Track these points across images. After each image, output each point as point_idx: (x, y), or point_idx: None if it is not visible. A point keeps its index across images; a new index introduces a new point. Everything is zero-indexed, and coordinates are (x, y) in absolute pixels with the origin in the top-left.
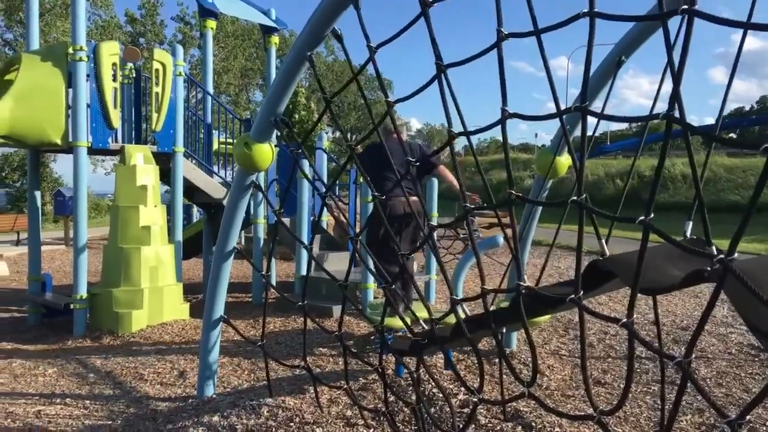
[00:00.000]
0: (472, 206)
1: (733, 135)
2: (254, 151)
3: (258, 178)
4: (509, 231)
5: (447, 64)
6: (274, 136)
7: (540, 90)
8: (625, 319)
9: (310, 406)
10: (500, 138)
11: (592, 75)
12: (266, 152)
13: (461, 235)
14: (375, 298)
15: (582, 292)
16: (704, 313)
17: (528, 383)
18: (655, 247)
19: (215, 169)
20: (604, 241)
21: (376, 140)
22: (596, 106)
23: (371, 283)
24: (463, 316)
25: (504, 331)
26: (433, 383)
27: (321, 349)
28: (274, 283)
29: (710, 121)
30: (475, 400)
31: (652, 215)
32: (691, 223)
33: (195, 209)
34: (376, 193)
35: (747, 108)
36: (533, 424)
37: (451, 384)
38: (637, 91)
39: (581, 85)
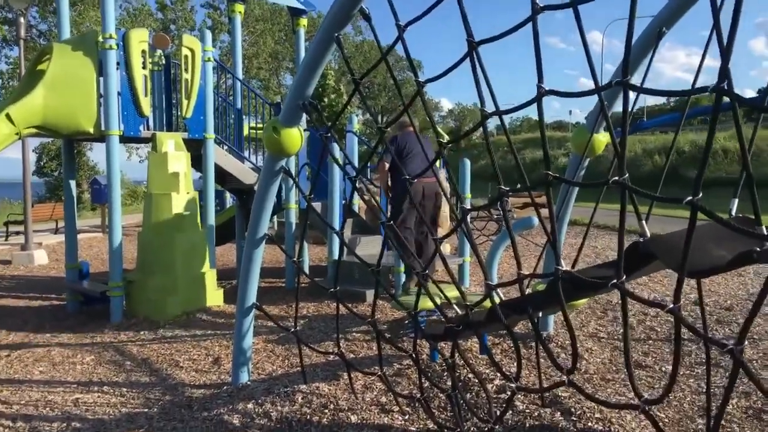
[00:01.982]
0: (507, 188)
1: None
2: (283, 136)
3: (288, 163)
4: (544, 211)
5: (479, 41)
6: (303, 120)
7: (572, 65)
8: (671, 305)
9: (344, 393)
10: (533, 116)
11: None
12: (295, 137)
13: (495, 216)
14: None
15: (624, 277)
16: (759, 296)
17: (568, 370)
18: (699, 227)
19: (246, 154)
20: (644, 221)
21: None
22: (635, 80)
23: (401, 268)
24: (498, 300)
25: (540, 314)
26: (467, 369)
27: (354, 333)
28: (306, 267)
29: (751, 93)
30: (513, 387)
31: (701, 194)
32: (737, 201)
33: (228, 195)
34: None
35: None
36: (572, 409)
37: (487, 369)
38: (674, 64)
39: (622, 58)
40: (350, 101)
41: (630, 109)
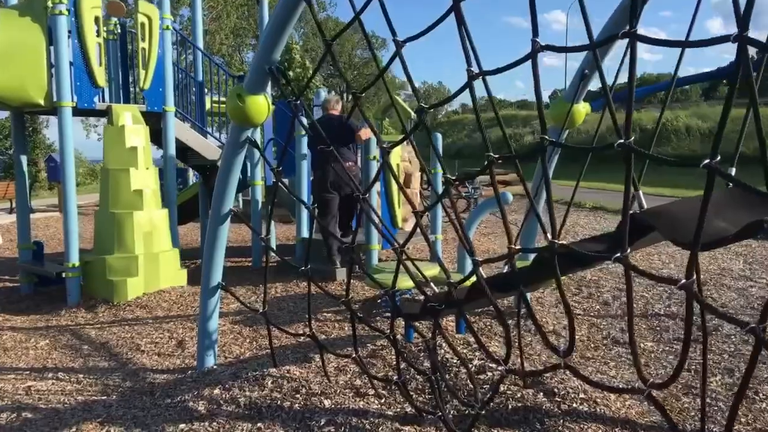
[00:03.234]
0: (497, 156)
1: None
2: (248, 104)
3: (253, 136)
4: (513, 188)
5: None
6: (269, 90)
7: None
8: (683, 280)
9: (316, 376)
10: (500, 96)
11: (615, 9)
12: (261, 105)
13: (464, 194)
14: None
15: (628, 249)
16: None
17: (564, 352)
18: (694, 199)
19: (209, 130)
20: (640, 193)
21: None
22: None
23: (376, 244)
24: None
25: (524, 292)
26: (445, 349)
27: (326, 313)
28: (274, 246)
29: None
30: (502, 370)
31: (719, 157)
32: (734, 170)
33: (191, 172)
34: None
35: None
36: (555, 390)
37: (465, 349)
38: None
39: (630, 8)
40: (321, 64)
41: (613, 81)
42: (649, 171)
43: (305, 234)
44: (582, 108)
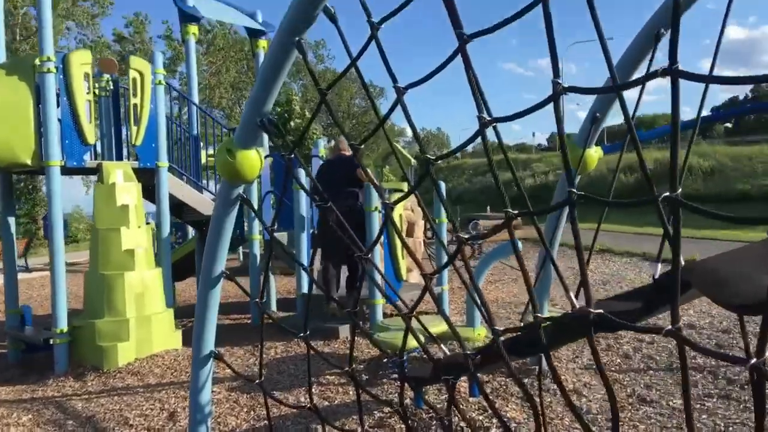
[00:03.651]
0: (516, 212)
1: (728, 125)
2: (239, 160)
3: (249, 192)
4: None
5: (470, 35)
6: (266, 143)
7: (529, 89)
8: (754, 360)
9: None
10: (494, 139)
11: (628, 48)
12: (253, 160)
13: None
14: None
15: (680, 323)
16: None
17: None
18: (736, 251)
19: (205, 184)
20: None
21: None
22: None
23: (379, 299)
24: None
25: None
26: (455, 413)
27: (328, 376)
28: (273, 302)
29: (705, 112)
30: None
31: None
32: None
33: (190, 227)
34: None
35: (741, 97)
36: None
37: (481, 415)
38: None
39: (669, 44)
40: (314, 119)
41: (633, 113)
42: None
43: (305, 289)
44: (594, 153)
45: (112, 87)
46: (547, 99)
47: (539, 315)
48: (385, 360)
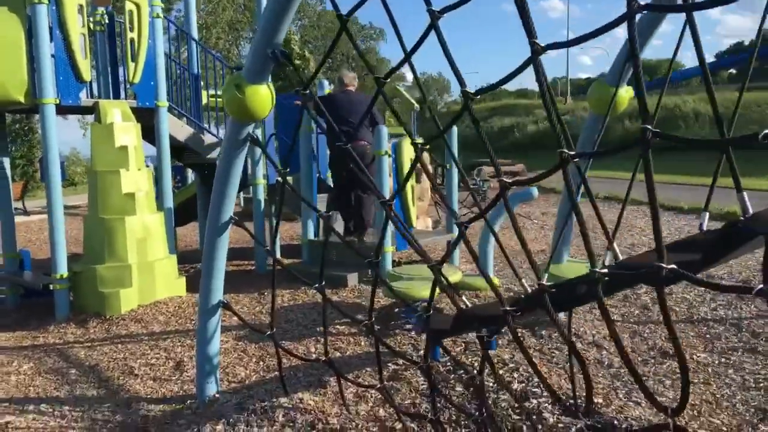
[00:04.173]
0: (573, 153)
1: (733, 71)
2: (248, 95)
3: (254, 133)
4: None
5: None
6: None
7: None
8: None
9: (333, 405)
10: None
11: None
12: (264, 96)
13: (471, 186)
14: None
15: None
16: None
17: (673, 410)
18: None
19: (207, 126)
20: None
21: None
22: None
23: (389, 246)
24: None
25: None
26: (470, 367)
27: (338, 326)
28: (278, 249)
29: (710, 58)
30: (581, 425)
31: None
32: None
33: (190, 171)
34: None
35: (746, 42)
36: (616, 422)
37: (502, 370)
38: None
39: None
40: (337, 42)
41: (673, 57)
42: (690, 159)
43: (311, 235)
44: (625, 92)
45: (107, 21)
46: (524, 64)
47: (597, 270)
48: (396, 310)
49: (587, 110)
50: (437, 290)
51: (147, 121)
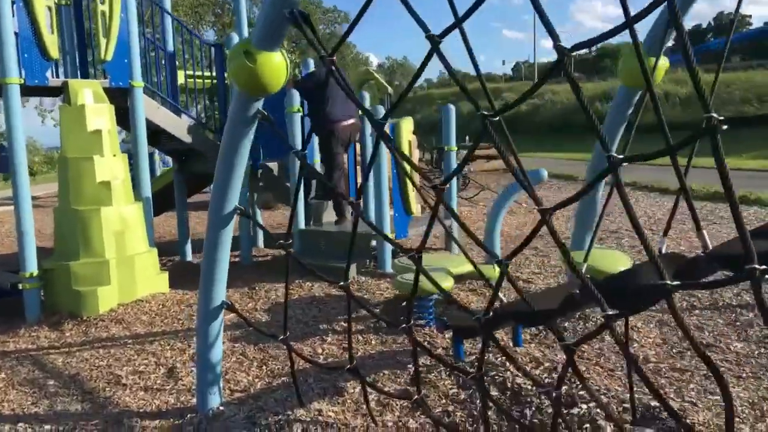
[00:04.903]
0: (620, 158)
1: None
2: (260, 64)
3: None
4: (495, 163)
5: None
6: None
7: (498, 18)
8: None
9: (356, 416)
10: (463, 69)
11: None
12: (278, 65)
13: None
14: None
15: None
16: None
17: None
18: None
19: (184, 109)
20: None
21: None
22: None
23: (388, 233)
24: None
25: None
26: (498, 367)
27: (343, 323)
28: (260, 236)
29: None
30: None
31: None
32: None
33: (157, 156)
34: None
35: (704, 25)
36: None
37: (530, 365)
38: (591, 14)
39: None
40: (358, 21)
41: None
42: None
43: (302, 224)
44: (660, 64)
45: None
46: (554, 66)
47: (668, 282)
48: (404, 303)
49: (556, 93)
50: (451, 282)
51: (120, 103)
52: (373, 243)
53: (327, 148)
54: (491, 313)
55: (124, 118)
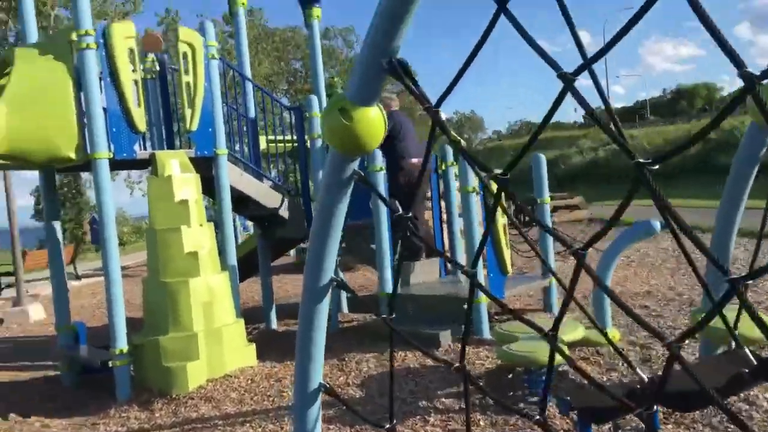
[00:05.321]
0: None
1: None
2: (357, 121)
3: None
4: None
5: None
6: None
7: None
8: None
9: None
10: (532, 119)
11: None
12: (376, 120)
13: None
14: (496, 317)
15: None
16: None
17: None
18: None
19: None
20: None
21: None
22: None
23: (482, 297)
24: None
25: None
26: None
27: (443, 399)
28: (344, 300)
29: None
30: None
31: None
32: None
33: (237, 222)
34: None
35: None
36: None
37: None
38: (661, 56)
39: None
40: (468, 66)
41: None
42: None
43: (389, 288)
44: None
45: (158, 68)
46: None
47: None
48: (510, 375)
49: (632, 137)
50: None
51: (203, 172)
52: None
53: (399, 190)
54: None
55: (207, 186)
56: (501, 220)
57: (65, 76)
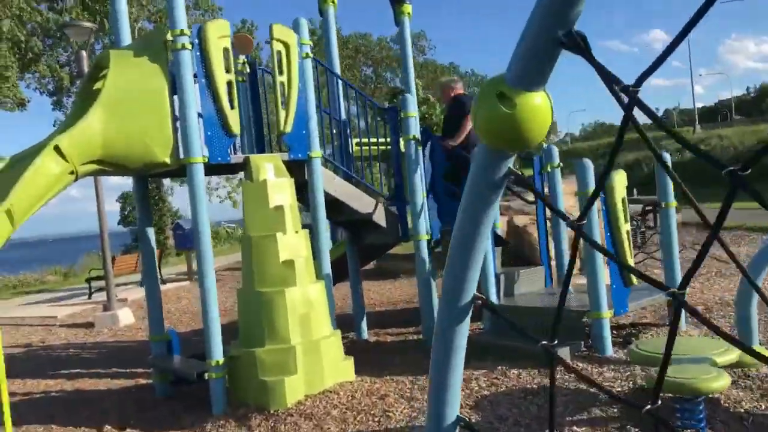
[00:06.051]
0: None
1: None
2: (521, 108)
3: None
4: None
5: None
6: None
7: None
8: None
9: None
10: (605, 120)
11: None
12: (543, 108)
13: (639, 227)
14: (614, 332)
15: None
16: None
17: None
18: None
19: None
20: None
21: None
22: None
23: (606, 311)
24: None
25: None
26: None
27: (576, 426)
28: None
29: None
30: None
31: None
32: None
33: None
34: None
35: None
36: None
37: None
38: (744, 54)
39: None
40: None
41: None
42: None
43: (494, 298)
44: None
45: (248, 70)
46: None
47: None
48: (648, 407)
49: (721, 137)
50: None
51: (297, 176)
52: (585, 319)
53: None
54: None
55: (299, 190)
56: (624, 226)
57: (160, 78)
